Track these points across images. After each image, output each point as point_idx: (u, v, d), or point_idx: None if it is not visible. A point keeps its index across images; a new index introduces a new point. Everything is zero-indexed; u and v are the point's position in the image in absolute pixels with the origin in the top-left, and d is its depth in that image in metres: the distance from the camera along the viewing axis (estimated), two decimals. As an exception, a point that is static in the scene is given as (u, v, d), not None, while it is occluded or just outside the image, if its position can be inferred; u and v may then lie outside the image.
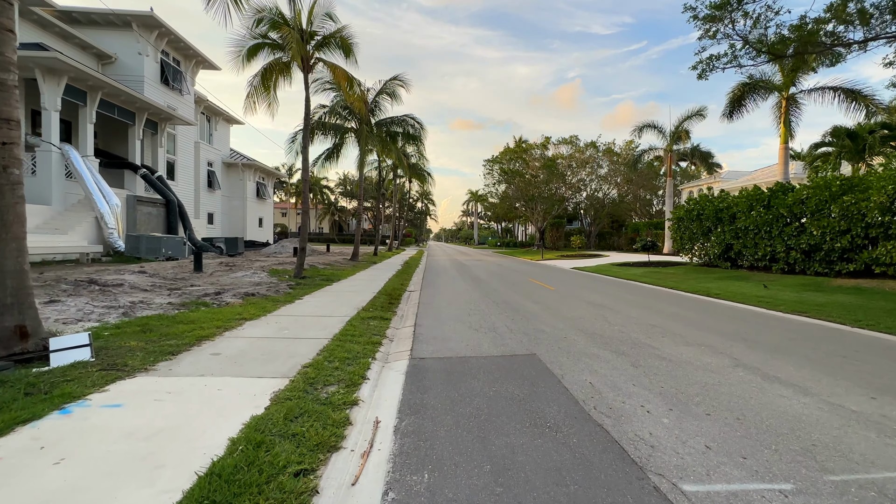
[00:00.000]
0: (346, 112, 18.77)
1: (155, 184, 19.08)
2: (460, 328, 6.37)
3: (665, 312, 7.93)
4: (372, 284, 11.57)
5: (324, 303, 8.21)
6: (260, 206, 33.85)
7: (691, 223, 17.20)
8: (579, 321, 6.92)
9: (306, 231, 12.21)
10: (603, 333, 6.00)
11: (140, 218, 17.55)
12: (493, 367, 4.45)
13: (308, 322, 6.34)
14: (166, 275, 10.37)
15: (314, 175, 69.59)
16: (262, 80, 11.52)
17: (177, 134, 23.32)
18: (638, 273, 16.45)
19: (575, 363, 4.57)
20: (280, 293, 9.22)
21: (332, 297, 9.08)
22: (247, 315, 6.54)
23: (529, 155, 39.67)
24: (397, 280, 13.14)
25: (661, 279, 14.18)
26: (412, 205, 77.54)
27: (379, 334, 5.88)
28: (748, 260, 14.54)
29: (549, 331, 6.17)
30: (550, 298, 9.59)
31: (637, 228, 38.33)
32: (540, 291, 10.90)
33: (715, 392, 3.73)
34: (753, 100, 20.09)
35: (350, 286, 11.03)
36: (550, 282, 13.53)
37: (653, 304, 9.06)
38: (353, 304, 8.06)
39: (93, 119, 16.73)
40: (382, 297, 9.26)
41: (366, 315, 7.06)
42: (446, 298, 9.56)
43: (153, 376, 3.74)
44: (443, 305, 8.54)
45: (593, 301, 9.23)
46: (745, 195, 14.31)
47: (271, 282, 10.79)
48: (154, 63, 21.14)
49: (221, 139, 29.89)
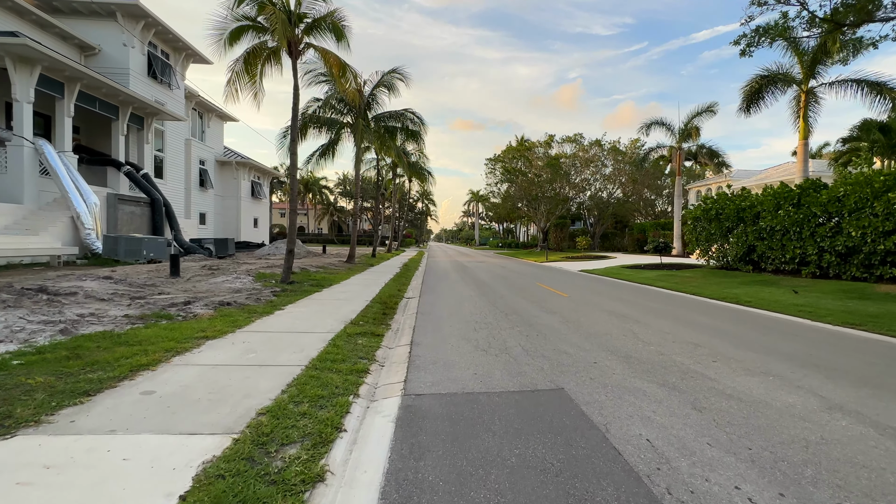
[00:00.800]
0: (342, 105, 17.71)
1: (139, 182, 18.06)
2: (465, 348, 5.31)
3: (700, 325, 6.86)
4: (366, 290, 10.52)
5: (308, 314, 7.15)
6: (255, 205, 32.83)
7: (709, 223, 16.13)
8: (606, 338, 5.85)
9: (294, 231, 11.17)
10: (640, 356, 4.94)
11: (122, 218, 16.52)
12: (511, 409, 3.39)
13: (283, 341, 5.29)
14: (137, 280, 9.33)
15: (312, 175, 68.63)
16: (245, 66, 10.48)
17: (165, 130, 22.29)
18: (652, 276, 15.40)
19: (617, 404, 3.50)
20: (261, 301, 8.17)
21: (318, 306, 8.02)
22: (211, 332, 5.48)
23: (532, 154, 38.58)
24: (394, 285, 12.09)
25: (679, 283, 13.11)
26: (412, 205, 76.52)
27: (367, 357, 4.83)
28: (773, 263, 13.47)
29: (573, 352, 5.10)
30: (565, 307, 8.52)
31: (643, 229, 37.23)
32: (552, 298, 9.84)
33: (826, 457, 2.66)
34: (772, 93, 19.03)
35: (341, 293, 9.98)
36: (561, 286, 12.47)
37: (681, 313, 8.00)
38: (342, 316, 7.01)
39: (71, 112, 15.70)
40: (376, 307, 8.20)
41: (354, 330, 6.00)
42: (448, 307, 8.50)
43: (40, 435, 2.68)
44: (444, 316, 7.49)
45: (615, 311, 8.16)
46: (771, 193, 13.24)
47: (254, 288, 9.74)
48: (140, 55, 20.12)
49: (214, 137, 28.88)
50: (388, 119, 18.79)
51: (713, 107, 28.06)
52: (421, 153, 34.92)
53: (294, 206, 11.11)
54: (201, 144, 26.92)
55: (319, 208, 70.21)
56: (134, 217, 17.16)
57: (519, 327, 6.55)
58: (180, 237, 18.99)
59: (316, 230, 78.04)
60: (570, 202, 41.18)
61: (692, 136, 28.45)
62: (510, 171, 37.62)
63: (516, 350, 5.21)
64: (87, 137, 19.67)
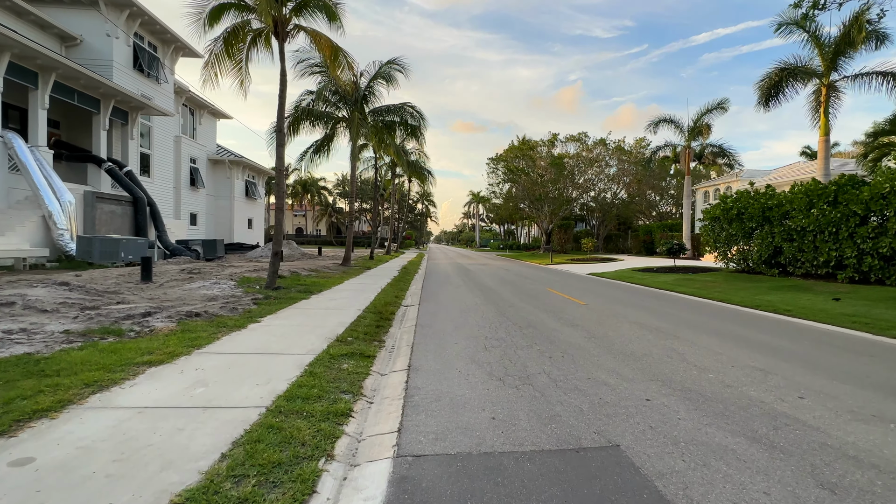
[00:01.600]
0: (336, 98, 16.65)
1: (122, 179, 16.99)
2: (477, 376, 4.23)
3: (751, 342, 5.78)
4: (360, 297, 9.44)
5: (288, 328, 6.07)
6: (250, 206, 31.75)
7: (729, 223, 15.07)
8: (647, 361, 4.78)
9: (281, 232, 10.10)
10: (701, 389, 3.86)
11: (101, 217, 15.43)
12: (552, 486, 2.31)
13: (248, 367, 4.21)
14: (99, 286, 8.25)
15: (311, 176, 67.56)
16: (225, 47, 9.42)
17: (153, 126, 21.23)
18: (669, 281, 14.33)
19: (705, 475, 2.42)
20: (237, 312, 7.10)
21: (303, 317, 6.94)
22: (160, 355, 4.41)
23: (536, 153, 37.53)
24: (392, 290, 11.01)
25: (701, 289, 12.04)
26: (412, 206, 75.49)
27: (351, 390, 3.75)
28: (803, 266, 12.40)
29: (614, 383, 4.02)
30: (587, 318, 7.44)
31: (650, 230, 36.19)
32: (568, 307, 8.75)
33: None
34: (793, 86, 18.00)
35: (332, 300, 8.90)
36: (574, 292, 11.39)
37: (720, 325, 6.92)
38: (328, 330, 5.93)
39: (45, 105, 14.64)
40: (369, 317, 7.13)
41: (340, 350, 4.92)
42: (452, 318, 7.43)
43: None
44: (448, 331, 6.41)
45: (644, 323, 7.08)
46: (802, 189, 12.18)
47: (233, 295, 8.66)
48: (125, 47, 19.07)
49: (207, 134, 27.82)
50: (386, 113, 17.73)
51: (724, 103, 27.06)
52: (421, 152, 33.90)
53: (281, 205, 10.04)
54: (192, 142, 25.86)
55: (318, 209, 69.14)
56: (114, 217, 16.08)
57: (538, 345, 5.47)
58: (165, 238, 17.91)
59: (314, 231, 77.00)
60: (573, 203, 40.14)
61: (702, 134, 27.44)
62: (513, 171, 36.52)
63: (541, 379, 4.13)
64: (68, 133, 18.61)
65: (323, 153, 18.53)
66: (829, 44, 18.06)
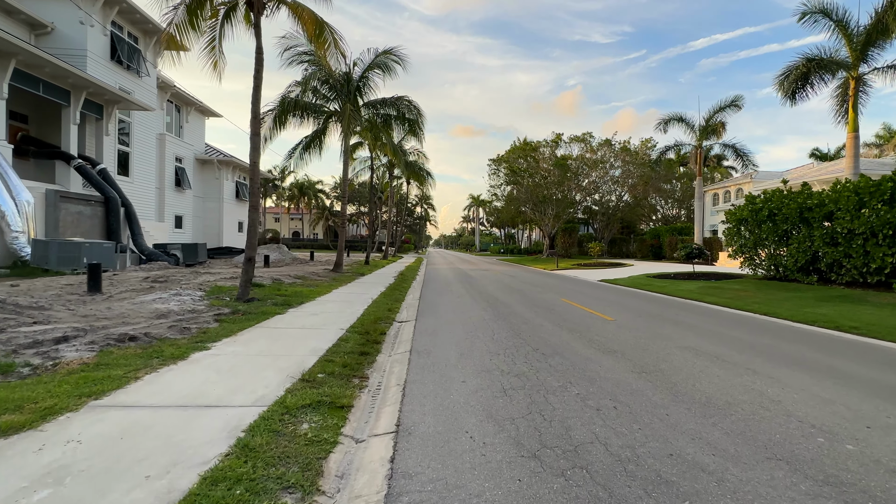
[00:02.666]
0: (327, 89, 15.28)
1: (93, 178, 15.59)
2: (499, 448, 2.81)
3: (852, 378, 4.37)
4: (346, 311, 8.01)
5: (242, 359, 4.65)
6: (240, 208, 30.34)
7: (758, 226, 13.68)
8: (739, 416, 3.35)
9: (255, 234, 8.69)
10: (857, 482, 2.43)
11: (66, 219, 14.00)
12: None
13: (150, 436, 2.78)
14: (28, 300, 6.82)
15: (308, 179, 66.19)
16: (189, 16, 8.05)
17: (133, 122, 19.86)
18: (693, 289, 12.92)
19: None
20: (188, 333, 5.67)
21: (267, 341, 5.52)
22: (28, 413, 2.99)
23: (539, 154, 36.19)
24: (385, 302, 9.59)
25: (735, 300, 10.64)
26: (411, 209, 74.18)
27: (301, 484, 2.33)
28: (849, 274, 11.00)
29: (714, 466, 2.60)
30: (623, 341, 6.02)
31: (657, 234, 34.83)
32: (595, 324, 7.33)
33: None
34: (822, 78, 16.70)
35: (312, 315, 7.48)
36: (593, 303, 9.97)
37: (795, 351, 5.50)
38: (293, 363, 4.50)
39: (4, 94, 13.26)
40: (353, 340, 5.71)
41: (302, 398, 3.50)
42: (456, 340, 6.00)
43: None
44: (452, 360, 4.98)
45: (698, 348, 5.66)
46: (850, 187, 10.80)
47: (193, 310, 7.24)
48: (102, 36, 17.72)
49: (194, 133, 26.46)
50: (382, 106, 16.36)
51: (738, 101, 25.78)
52: (420, 153, 32.60)
53: (255, 203, 8.63)
54: (178, 140, 24.48)
55: (315, 213, 67.73)
56: (82, 218, 14.65)
57: (575, 385, 4.05)
58: (141, 242, 16.48)
59: (311, 235, 75.62)
60: (577, 206, 38.81)
61: (716, 133, 26.14)
62: (515, 172, 35.12)
63: (597, 456, 2.70)
64: (38, 128, 17.24)
65: (314, 150, 17.16)
66: (858, 33, 16.82)
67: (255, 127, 8.66)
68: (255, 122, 8.67)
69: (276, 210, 75.71)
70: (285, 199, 71.31)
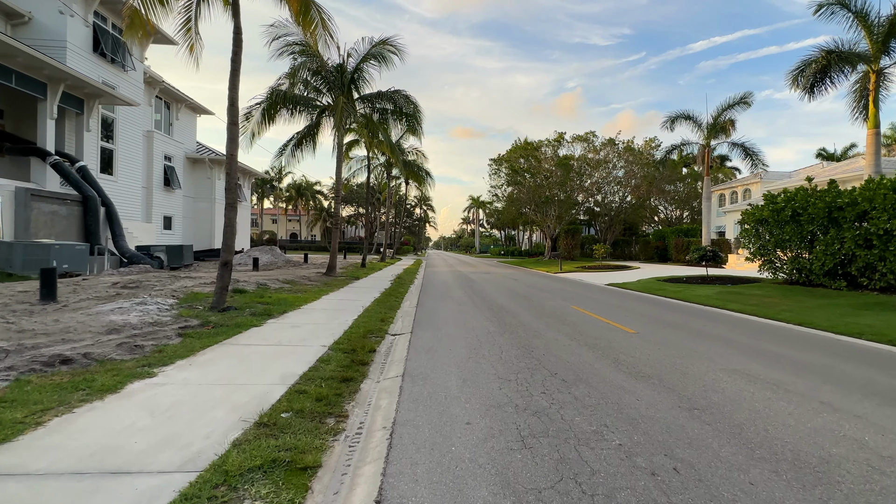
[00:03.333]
0: (320, 81, 14.37)
1: (70, 176, 14.67)
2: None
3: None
4: (333, 322, 7.10)
5: (191, 390, 3.72)
6: (233, 209, 29.43)
7: (780, 227, 12.79)
8: (847, 481, 2.44)
9: (232, 236, 7.77)
10: None
11: (38, 219, 13.08)
12: None
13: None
14: (-37, 311, 5.90)
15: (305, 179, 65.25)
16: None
17: (117, 118, 18.93)
18: (711, 295, 12.02)
19: None
20: (141, 352, 4.76)
21: (230, 363, 4.60)
22: None
23: (541, 153, 35.29)
24: (379, 310, 8.67)
25: (761, 307, 9.74)
26: (410, 211, 73.33)
27: None
28: (885, 279, 10.10)
29: None
30: (656, 362, 5.10)
31: (662, 236, 33.95)
32: (616, 339, 6.41)
33: None
34: (841, 71, 15.85)
35: (293, 328, 6.56)
36: (607, 312, 9.06)
37: (858, 374, 4.59)
38: (254, 396, 3.58)
39: (-30, 85, 12.35)
40: (336, 361, 4.80)
41: (252, 454, 2.58)
42: (458, 362, 5.08)
43: None
44: (453, 391, 4.06)
45: (747, 371, 4.74)
46: (887, 184, 9.91)
47: (157, 321, 6.31)
48: (83, 27, 16.84)
49: (184, 130, 25.54)
50: (378, 100, 15.45)
51: (748, 98, 24.86)
52: (418, 152, 31.71)
53: (232, 200, 7.71)
54: (167, 138, 23.57)
55: (312, 214, 66.83)
56: (57, 219, 13.72)
57: (615, 432, 3.13)
58: (122, 244, 15.55)
59: (309, 237, 74.72)
60: (580, 207, 37.94)
61: (725, 132, 25.25)
62: (517, 171, 34.20)
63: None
64: (14, 123, 16.32)
65: (307, 147, 16.25)
66: (879, 24, 15.99)
67: (232, 115, 7.76)
68: (233, 110, 7.77)
69: (274, 211, 74.83)
70: (283, 201, 70.42)
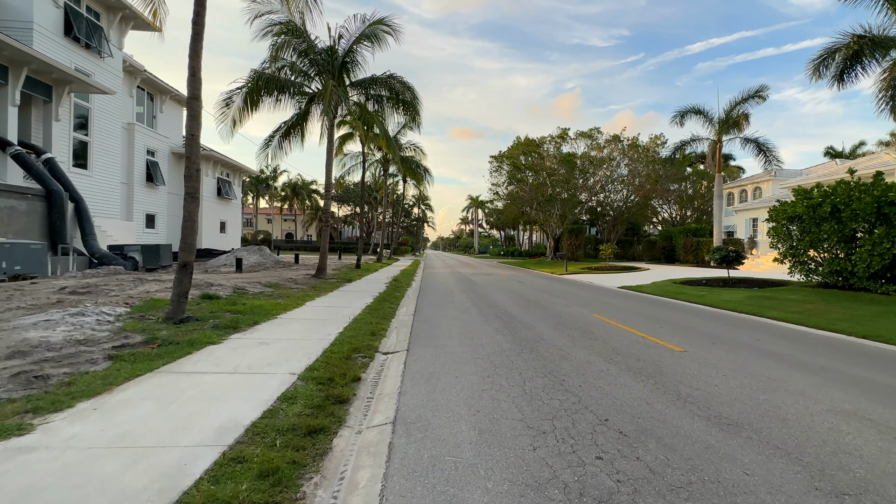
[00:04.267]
0: (308, 64, 13.05)
1: (33, 168, 13.34)
2: None
3: None
4: (311, 337, 5.81)
5: (68, 461, 2.43)
6: (222, 207, 28.12)
7: (817, 224, 11.57)
8: None
9: (193, 233, 6.48)
10: None
11: (-7, 215, 11.75)
12: None
13: None
14: None
15: (302, 178, 63.87)
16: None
17: (93, 108, 17.59)
18: (741, 299, 10.81)
19: None
20: (42, 386, 3.48)
21: (152, 406, 3.31)
22: None
23: (543, 150, 34.00)
24: (369, 320, 7.39)
25: (806, 315, 8.51)
26: (408, 210, 72.04)
27: None
28: (947, 283, 8.88)
29: None
30: (731, 398, 3.83)
31: (669, 235, 32.76)
32: (664, 360, 5.14)
33: None
34: (874, 57, 14.65)
35: (258, 345, 5.27)
36: (636, 322, 7.79)
37: None
38: (154, 479, 2.30)
39: (-86, 64, 11.02)
40: (304, 397, 3.51)
41: None
42: (468, 398, 3.80)
43: None
44: (465, 451, 2.78)
45: (864, 415, 3.48)
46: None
47: (90, 338, 5.02)
48: (53, 8, 15.51)
49: (170, 124, 24.19)
50: (372, 86, 14.16)
51: (762, 91, 23.69)
52: (416, 149, 30.44)
53: (192, 191, 6.42)
54: (150, 131, 22.22)
55: (308, 213, 65.45)
56: (15, 215, 12.39)
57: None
58: (93, 243, 14.23)
59: (305, 237, 73.32)
60: (583, 206, 36.72)
61: (738, 126, 24.07)
62: (519, 168, 32.87)
63: None
64: (-24, 111, 14.96)
65: (295, 138, 14.94)
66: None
67: (193, 88, 6.47)
68: (194, 81, 6.48)
69: (269, 211, 73.43)
70: (278, 200, 69.03)
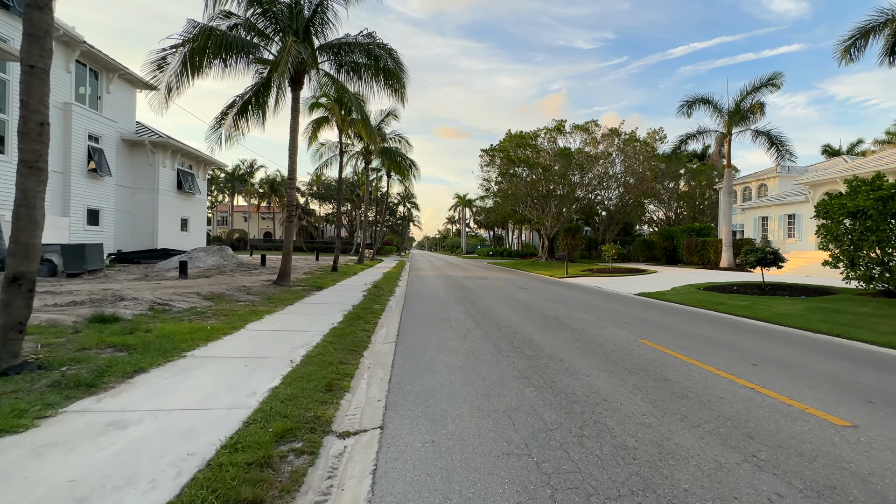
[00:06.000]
0: (264, 20, 10.49)
1: (-88, 146, 10.48)
2: None
3: None
4: (220, 400, 3.38)
5: None
6: (183, 202, 25.18)
7: (885, 220, 9.59)
8: None
9: (34, 223, 4.00)
10: None
11: None
12: None
13: None
14: None
15: (281, 175, 60.60)
16: None
17: (10, 80, 14.69)
18: (801, 312, 8.74)
19: None
20: None
21: None
22: None
23: (539, 144, 31.87)
24: (328, 358, 4.97)
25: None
26: (393, 208, 69.34)
27: None
28: None
29: None
30: None
31: (670, 235, 31.01)
32: (828, 449, 2.87)
33: None
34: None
35: (107, 430, 2.82)
36: (713, 358, 5.56)
37: None
38: None
39: None
40: None
41: None
42: None
43: None
44: None
45: None
46: None
47: None
48: (-46, -46, 12.62)
49: (119, 107, 21.22)
50: (346, 51, 11.66)
51: (776, 79, 21.97)
52: (401, 140, 27.89)
53: (33, 156, 3.94)
54: (93, 114, 19.25)
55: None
56: None
57: None
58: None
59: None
60: (578, 203, 34.75)
61: (751, 116, 22.33)
62: (513, 161, 30.61)
63: None
64: None
65: (255, 115, 12.38)
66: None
67: (33, 20, 3.96)
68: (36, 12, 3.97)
69: (245, 209, 69.92)
70: (255, 197, 65.64)
